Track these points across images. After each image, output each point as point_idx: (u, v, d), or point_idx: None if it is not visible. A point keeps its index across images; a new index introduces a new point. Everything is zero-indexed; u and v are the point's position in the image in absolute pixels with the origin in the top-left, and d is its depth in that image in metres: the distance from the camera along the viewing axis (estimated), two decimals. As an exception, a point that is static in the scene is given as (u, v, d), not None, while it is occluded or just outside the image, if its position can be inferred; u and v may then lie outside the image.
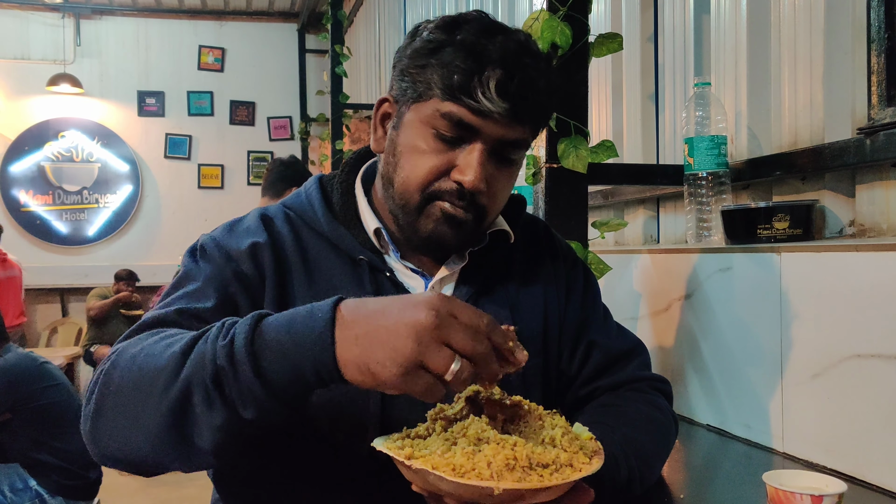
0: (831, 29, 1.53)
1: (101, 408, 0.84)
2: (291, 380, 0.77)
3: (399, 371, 0.73)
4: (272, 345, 0.77)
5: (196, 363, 0.78)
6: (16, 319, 6.45)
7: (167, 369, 0.80)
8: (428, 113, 1.00)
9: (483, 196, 1.02)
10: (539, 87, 1.00)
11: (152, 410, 0.79)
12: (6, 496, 3.03)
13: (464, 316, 0.75)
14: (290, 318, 0.78)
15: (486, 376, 0.78)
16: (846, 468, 1.25)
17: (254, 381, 0.76)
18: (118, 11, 7.94)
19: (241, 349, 0.76)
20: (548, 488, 0.75)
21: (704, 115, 1.70)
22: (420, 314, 0.73)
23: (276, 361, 0.76)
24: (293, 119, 8.31)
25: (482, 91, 0.95)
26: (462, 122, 0.98)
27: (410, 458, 0.78)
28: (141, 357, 0.83)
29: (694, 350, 1.66)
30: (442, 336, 0.73)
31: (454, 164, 1.00)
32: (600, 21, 2.40)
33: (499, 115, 0.97)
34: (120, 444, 0.83)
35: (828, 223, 1.55)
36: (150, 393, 0.80)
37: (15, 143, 7.61)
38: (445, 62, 0.97)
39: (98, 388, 0.85)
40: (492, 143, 1.00)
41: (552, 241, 1.25)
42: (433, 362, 0.73)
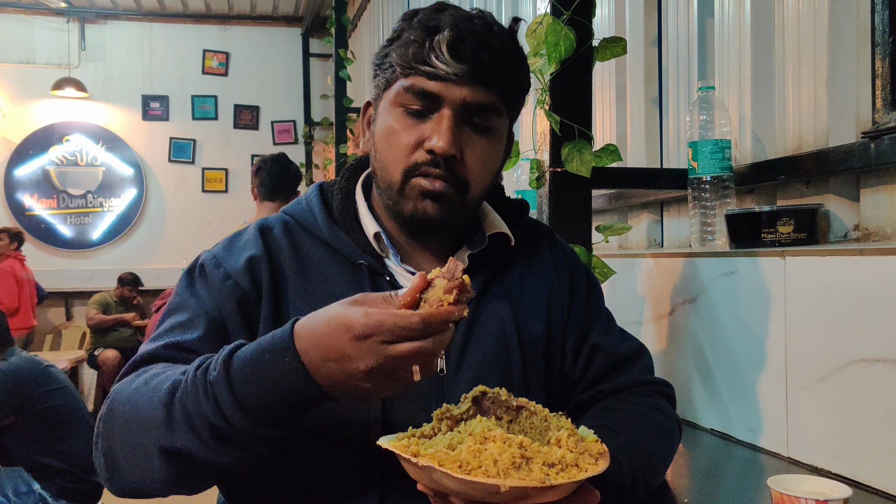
0: (835, 32, 1.53)
1: (112, 454, 0.90)
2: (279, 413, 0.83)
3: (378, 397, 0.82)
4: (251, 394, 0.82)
5: (188, 428, 0.83)
6: (32, 321, 6.57)
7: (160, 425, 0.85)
8: (394, 94, 1.02)
9: (459, 164, 1.02)
10: (493, 47, 1.00)
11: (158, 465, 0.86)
12: (10, 500, 3.03)
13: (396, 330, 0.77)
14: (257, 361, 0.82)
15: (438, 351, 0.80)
16: (851, 473, 1.25)
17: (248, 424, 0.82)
18: (123, 16, 7.97)
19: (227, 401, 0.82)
20: (553, 487, 0.75)
21: (708, 118, 1.70)
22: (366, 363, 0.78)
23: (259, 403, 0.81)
24: (297, 123, 8.33)
25: (435, 55, 0.97)
26: (423, 91, 1.00)
27: (416, 455, 0.78)
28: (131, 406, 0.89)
29: (698, 354, 1.66)
30: (392, 367, 0.78)
31: (425, 136, 1.01)
32: (604, 25, 2.41)
33: (456, 77, 0.98)
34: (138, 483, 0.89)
35: (832, 227, 1.55)
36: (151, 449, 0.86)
37: (20, 147, 7.64)
38: (402, 42, 1.01)
39: (102, 433, 0.91)
40: (457, 107, 1.00)
41: (555, 245, 1.24)
42: (399, 381, 0.80)
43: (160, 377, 0.89)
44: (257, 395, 0.81)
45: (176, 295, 1.06)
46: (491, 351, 1.08)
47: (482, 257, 1.12)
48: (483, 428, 0.80)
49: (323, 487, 1.00)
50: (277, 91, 8.28)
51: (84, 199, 7.82)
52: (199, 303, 1.02)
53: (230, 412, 0.81)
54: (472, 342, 1.07)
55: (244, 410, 0.81)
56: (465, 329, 1.07)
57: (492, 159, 1.08)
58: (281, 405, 0.81)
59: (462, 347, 1.06)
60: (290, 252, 1.07)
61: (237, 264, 1.04)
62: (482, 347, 1.07)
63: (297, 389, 0.80)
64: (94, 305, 6.81)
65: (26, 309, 6.51)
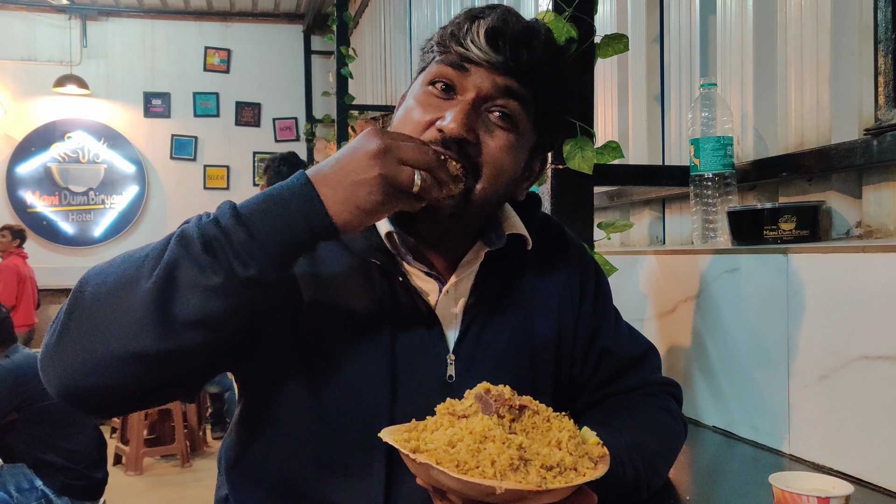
0: (838, 29, 1.53)
1: (67, 323, 0.83)
2: (284, 236, 0.84)
3: (379, 197, 0.85)
4: (257, 213, 0.85)
5: (180, 245, 0.82)
6: (33, 318, 6.61)
7: (146, 260, 0.83)
8: (426, 76, 1.01)
9: (473, 148, 0.96)
10: (532, 44, 0.97)
11: (132, 295, 0.80)
12: (12, 496, 3.04)
13: (403, 137, 0.89)
14: (264, 193, 0.87)
15: (444, 179, 0.89)
16: (853, 470, 1.25)
17: (249, 241, 0.82)
18: (124, 13, 7.97)
19: (229, 220, 0.83)
20: (550, 491, 0.75)
21: (710, 115, 1.70)
22: (371, 145, 0.85)
23: (266, 223, 0.84)
24: (298, 120, 8.33)
25: (471, 38, 0.96)
26: (452, 68, 0.98)
27: (416, 451, 0.78)
28: (113, 265, 0.86)
29: (700, 351, 1.66)
30: (398, 156, 0.85)
31: (441, 116, 0.97)
32: (606, 22, 2.40)
33: (488, 64, 0.95)
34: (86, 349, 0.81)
35: (834, 224, 1.55)
36: (130, 281, 0.81)
37: (21, 145, 7.65)
38: (446, 27, 1.01)
39: (65, 307, 0.84)
40: (481, 92, 0.96)
41: (566, 242, 1.21)
42: (399, 180, 0.85)
43: (150, 244, 0.87)
44: (258, 208, 0.85)
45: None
46: (501, 357, 1.05)
47: (497, 257, 1.08)
48: (483, 427, 0.80)
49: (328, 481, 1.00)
50: (279, 88, 8.29)
51: (86, 197, 7.83)
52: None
53: (230, 226, 0.83)
54: (483, 348, 1.04)
55: (243, 224, 0.83)
56: (476, 335, 1.05)
57: (511, 155, 1.00)
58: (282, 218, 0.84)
59: (472, 353, 1.04)
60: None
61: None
62: (493, 353, 1.05)
63: (298, 199, 0.84)
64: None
65: (28, 306, 6.54)
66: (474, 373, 1.02)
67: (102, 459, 3.35)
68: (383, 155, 0.84)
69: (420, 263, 1.04)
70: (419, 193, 0.87)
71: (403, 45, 5.81)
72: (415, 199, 0.88)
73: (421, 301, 1.03)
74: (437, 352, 1.02)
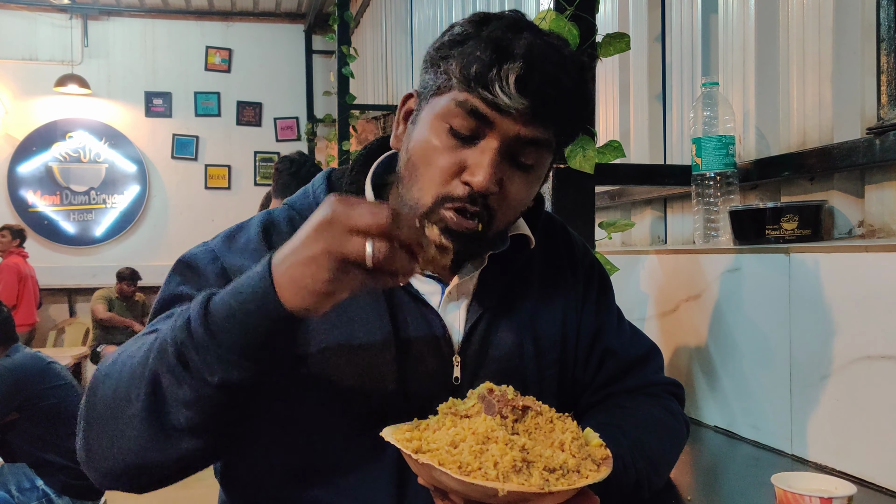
0: (840, 28, 1.52)
1: (88, 428, 0.86)
2: (242, 329, 0.77)
3: (326, 275, 0.74)
4: (220, 306, 0.79)
5: (159, 351, 0.81)
6: (34, 318, 6.62)
7: (136, 369, 0.82)
8: (444, 105, 0.95)
9: (494, 199, 0.95)
10: (562, 87, 0.93)
11: (129, 411, 0.81)
12: (13, 496, 3.04)
13: (361, 203, 0.75)
14: (234, 283, 0.81)
15: (408, 240, 0.75)
16: (855, 470, 1.25)
17: (209, 341, 0.77)
18: (125, 12, 7.97)
19: (196, 321, 0.78)
20: (552, 493, 0.75)
21: (712, 115, 1.70)
22: (317, 219, 0.75)
23: (227, 322, 0.78)
24: (300, 120, 8.33)
25: (500, 84, 0.90)
26: (477, 111, 0.92)
27: (418, 451, 0.78)
28: (115, 369, 0.85)
29: (702, 351, 1.65)
30: (344, 224, 0.73)
31: (465, 165, 0.94)
32: (607, 21, 2.40)
33: (516, 112, 0.91)
34: (109, 457, 0.84)
35: (837, 224, 1.54)
36: (126, 396, 0.82)
37: (23, 144, 7.65)
38: (467, 53, 0.93)
39: (82, 411, 0.87)
40: (507, 141, 0.93)
41: (570, 242, 1.21)
42: (347, 252, 0.73)
43: (141, 339, 0.87)
44: (222, 300, 0.79)
45: (166, 288, 1.01)
46: (506, 359, 1.05)
47: (500, 257, 1.07)
48: (486, 428, 0.80)
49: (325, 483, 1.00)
50: (280, 88, 8.29)
51: (87, 196, 7.83)
52: (190, 294, 0.97)
53: (195, 326, 0.78)
54: (488, 350, 1.04)
55: (207, 322, 0.78)
56: (481, 336, 1.04)
57: (527, 195, 1.01)
58: (241, 314, 0.77)
59: (478, 357, 1.03)
60: None
61: (237, 264, 0.99)
62: (498, 355, 1.04)
63: (255, 291, 0.77)
64: (101, 301, 6.83)
65: (28, 305, 6.55)
66: (480, 374, 1.02)
67: (104, 459, 3.35)
68: (329, 226, 0.74)
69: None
70: (376, 266, 0.74)
71: (405, 45, 5.80)
72: (374, 273, 0.75)
73: (423, 304, 1.02)
74: (443, 354, 1.01)
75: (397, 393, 0.98)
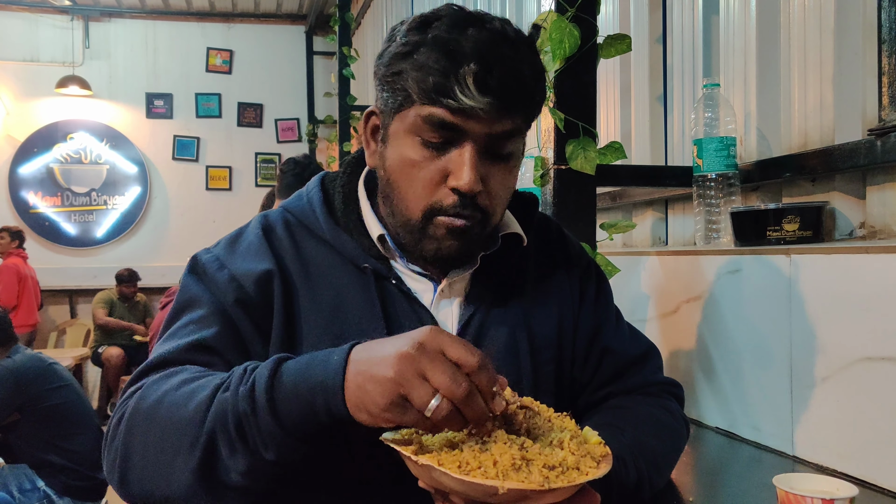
0: (841, 29, 1.52)
1: (128, 456, 0.87)
2: (307, 421, 0.79)
3: (383, 402, 0.74)
4: (289, 388, 0.79)
5: (219, 414, 0.81)
6: (35, 318, 6.63)
7: (193, 422, 0.83)
8: (411, 121, 0.95)
9: (482, 196, 0.97)
10: (522, 76, 0.94)
11: (182, 464, 0.83)
12: (14, 497, 3.04)
13: (452, 352, 0.75)
14: (307, 362, 0.81)
15: (470, 417, 0.75)
16: (857, 472, 1.25)
17: (273, 423, 0.79)
18: (127, 13, 7.98)
19: (262, 395, 0.79)
20: (552, 490, 0.75)
21: (713, 116, 1.70)
22: (406, 346, 0.74)
23: (293, 404, 0.79)
24: (301, 121, 8.33)
25: (461, 90, 0.90)
26: (445, 123, 0.93)
27: (417, 453, 0.78)
28: (164, 407, 0.86)
29: (703, 352, 1.65)
30: (421, 369, 0.73)
31: (447, 172, 0.95)
32: (609, 22, 2.40)
33: (483, 112, 0.91)
34: (152, 489, 0.86)
35: (838, 225, 1.54)
36: (179, 447, 0.83)
37: (24, 145, 7.65)
38: (420, 65, 0.92)
39: (122, 435, 0.88)
40: (481, 140, 0.95)
41: (565, 242, 1.21)
42: (412, 395, 0.73)
43: (196, 383, 0.87)
44: (293, 381, 0.79)
45: (184, 292, 1.03)
46: (501, 356, 1.05)
47: (493, 257, 1.08)
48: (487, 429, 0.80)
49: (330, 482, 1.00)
50: (281, 89, 8.29)
51: (88, 197, 7.83)
52: (211, 300, 0.99)
53: (261, 402, 0.79)
54: (481, 346, 1.04)
55: (273, 401, 0.79)
56: (474, 334, 1.05)
57: (512, 181, 1.03)
58: (307, 404, 0.78)
59: None
60: (294, 255, 1.04)
61: (245, 269, 1.01)
62: (493, 353, 1.05)
63: (326, 385, 0.77)
64: (100, 304, 6.83)
65: (29, 306, 6.55)
66: None
67: (105, 460, 3.35)
68: (410, 360, 0.73)
69: (414, 264, 1.06)
70: (433, 420, 0.73)
71: (405, 46, 5.78)
72: (428, 422, 0.74)
73: (416, 302, 1.04)
74: None
75: None
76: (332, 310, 1.01)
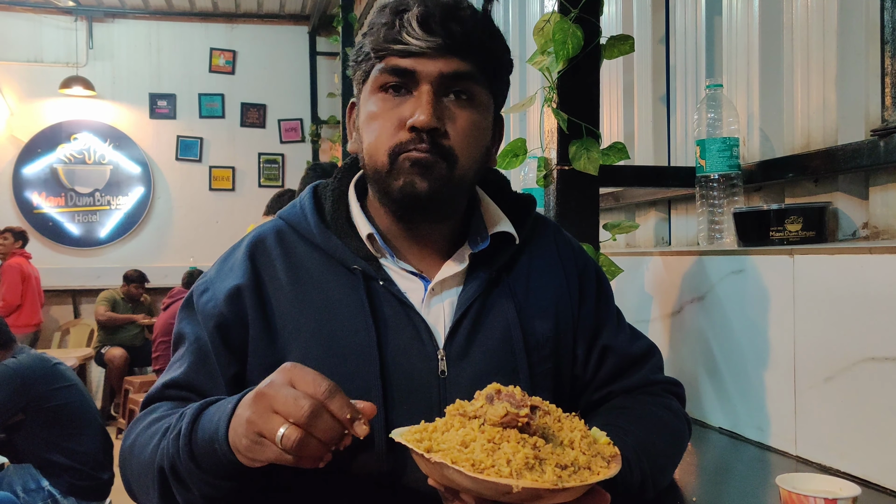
0: (844, 30, 1.53)
1: (128, 484, 1.04)
2: (217, 463, 0.86)
3: (247, 442, 0.81)
4: (199, 434, 0.88)
5: (161, 456, 0.92)
6: (38, 318, 6.64)
7: (150, 464, 0.95)
8: (372, 81, 1.02)
9: (444, 137, 1.00)
10: (463, 19, 0.99)
11: (153, 496, 0.96)
12: (19, 496, 3.05)
13: (299, 383, 0.80)
14: (214, 410, 0.89)
15: (323, 438, 0.79)
16: (860, 472, 1.25)
17: (192, 466, 0.88)
18: (130, 14, 7.99)
19: (184, 440, 0.89)
20: (565, 490, 0.75)
21: (716, 116, 1.70)
22: (260, 386, 0.81)
23: (205, 449, 0.87)
24: (304, 121, 8.33)
25: (406, 32, 0.97)
26: (398, 68, 0.99)
27: (430, 451, 0.78)
28: (136, 448, 0.99)
29: (706, 353, 1.65)
30: (269, 403, 0.79)
31: (407, 115, 1.00)
32: (612, 23, 2.40)
33: (430, 50, 0.98)
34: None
35: (841, 225, 1.54)
36: (147, 484, 0.96)
37: (28, 146, 7.66)
38: (372, 27, 1.02)
39: (120, 466, 1.04)
40: (434, 80, 0.99)
41: (563, 242, 1.22)
42: (263, 429, 0.79)
43: (157, 425, 0.98)
44: (203, 434, 0.88)
45: (175, 326, 1.10)
46: (494, 352, 1.06)
47: (485, 257, 1.10)
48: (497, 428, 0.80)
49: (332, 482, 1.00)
50: (284, 89, 8.29)
51: (92, 198, 7.84)
52: (190, 332, 1.06)
53: (182, 445, 0.89)
54: (474, 344, 1.05)
55: (191, 446, 0.88)
56: (467, 331, 1.06)
57: (477, 131, 1.05)
58: (213, 447, 0.86)
59: (464, 349, 1.05)
60: (284, 264, 1.07)
61: (221, 291, 1.06)
62: (485, 349, 1.06)
63: (218, 430, 0.85)
64: (103, 302, 6.84)
65: (33, 306, 6.56)
66: (466, 367, 1.04)
67: (109, 460, 3.36)
68: (260, 397, 0.80)
69: (404, 262, 1.08)
70: (286, 449, 0.77)
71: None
72: (286, 454, 0.79)
73: (405, 301, 1.05)
74: (427, 349, 1.04)
75: (382, 390, 1.00)
76: (322, 313, 1.03)
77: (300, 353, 1.01)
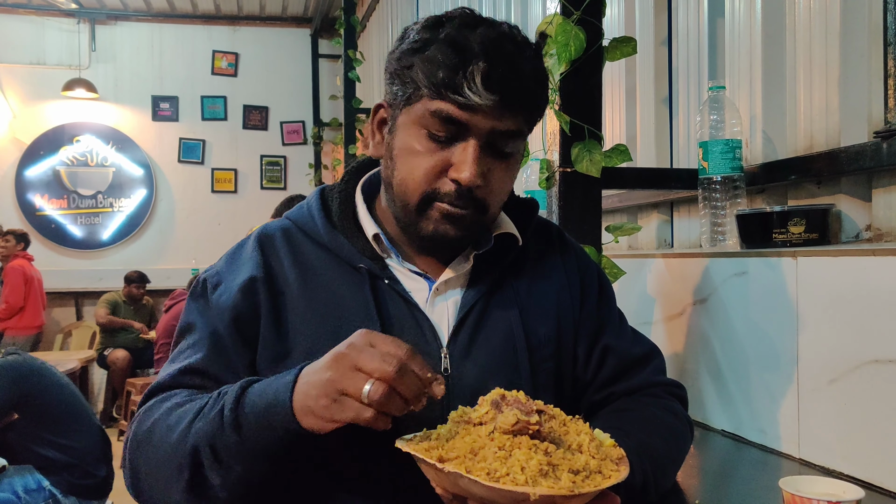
0: (847, 32, 1.52)
1: (136, 476, 0.99)
2: (265, 435, 0.88)
3: (325, 401, 0.83)
4: (249, 407, 0.89)
5: (197, 435, 0.91)
6: (42, 319, 6.65)
7: (178, 448, 0.93)
8: (418, 114, 1.00)
9: (480, 189, 1.01)
10: (525, 74, 0.99)
11: (175, 485, 0.93)
12: (20, 497, 3.05)
13: (380, 344, 0.84)
14: (267, 383, 0.90)
15: (406, 394, 0.82)
16: (863, 474, 1.24)
17: (237, 439, 0.89)
18: (133, 17, 8.00)
19: (228, 415, 0.89)
20: (580, 495, 0.75)
21: (719, 118, 1.70)
22: (339, 349, 0.85)
23: (252, 420, 0.88)
24: (306, 123, 8.34)
25: (468, 85, 0.94)
26: (451, 118, 0.97)
27: (441, 460, 0.78)
28: (156, 434, 0.96)
29: (709, 355, 1.65)
30: (353, 362, 0.82)
31: (450, 163, 1.00)
32: (614, 25, 2.40)
33: (488, 108, 0.96)
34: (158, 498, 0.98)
35: (844, 227, 1.54)
36: (170, 471, 0.93)
37: (31, 148, 7.68)
38: (429, 59, 0.97)
39: (129, 457, 1.00)
40: (484, 136, 0.99)
41: (565, 245, 1.23)
42: (348, 387, 0.81)
43: (181, 409, 0.96)
44: (253, 409, 0.89)
45: (184, 315, 1.09)
46: (497, 352, 1.07)
47: (489, 258, 1.11)
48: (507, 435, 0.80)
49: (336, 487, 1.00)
50: (286, 92, 8.30)
51: (94, 200, 7.85)
52: (204, 322, 1.06)
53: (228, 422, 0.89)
54: (477, 343, 1.07)
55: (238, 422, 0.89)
56: (470, 330, 1.07)
57: (511, 180, 1.08)
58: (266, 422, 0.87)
59: (467, 348, 1.06)
60: (291, 261, 1.08)
61: (235, 283, 1.06)
62: (488, 348, 1.07)
63: (278, 402, 0.86)
64: (104, 304, 6.85)
65: (35, 308, 6.57)
66: (469, 366, 1.05)
67: (106, 457, 3.36)
68: (342, 358, 0.83)
69: (409, 263, 1.10)
70: (370, 405, 0.81)
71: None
72: (368, 409, 0.82)
73: (410, 300, 1.06)
74: (430, 348, 1.04)
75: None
76: (328, 311, 1.04)
77: (307, 348, 1.02)
